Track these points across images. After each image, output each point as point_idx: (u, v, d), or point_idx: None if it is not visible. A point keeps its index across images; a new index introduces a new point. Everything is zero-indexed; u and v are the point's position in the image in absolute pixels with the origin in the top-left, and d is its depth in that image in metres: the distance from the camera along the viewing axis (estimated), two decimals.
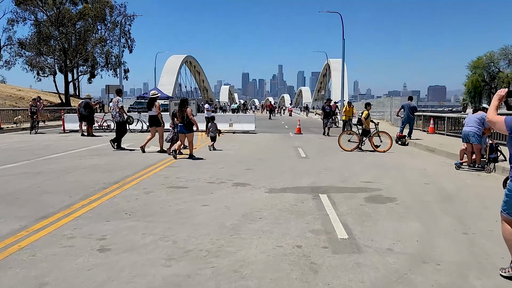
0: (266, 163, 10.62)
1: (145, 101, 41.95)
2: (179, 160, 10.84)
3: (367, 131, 14.12)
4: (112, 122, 21.62)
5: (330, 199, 6.65)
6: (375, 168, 10.07)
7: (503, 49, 55.98)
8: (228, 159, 11.28)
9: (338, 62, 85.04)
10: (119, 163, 10.13)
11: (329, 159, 11.75)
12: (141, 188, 7.23)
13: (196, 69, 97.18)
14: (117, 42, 40.39)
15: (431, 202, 6.58)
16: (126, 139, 16.26)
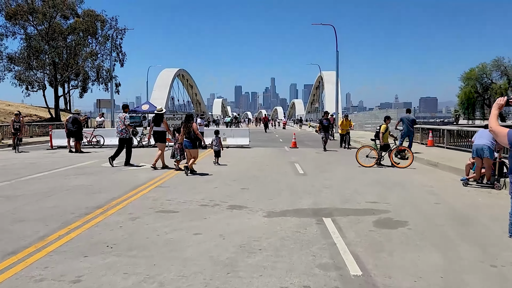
0: (263, 181, 10.00)
1: (136, 115, 41.34)
2: (169, 179, 10.19)
3: (386, 146, 13.46)
4: (101, 138, 20.97)
5: (336, 223, 6.04)
6: (378, 186, 9.49)
7: (495, 61, 56.34)
8: (222, 177, 10.65)
9: (331, 74, 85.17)
10: (106, 184, 9.45)
11: (328, 175, 11.16)
12: (127, 214, 6.56)
13: (188, 82, 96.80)
14: (108, 56, 39.85)
15: (446, 226, 5.99)
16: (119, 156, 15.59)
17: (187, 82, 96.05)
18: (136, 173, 11.30)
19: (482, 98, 59.13)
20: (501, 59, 56.39)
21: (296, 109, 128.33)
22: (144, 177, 10.45)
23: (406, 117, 16.23)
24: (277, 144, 24.20)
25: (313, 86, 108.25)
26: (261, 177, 10.66)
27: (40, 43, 37.03)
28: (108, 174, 11.00)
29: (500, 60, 56.58)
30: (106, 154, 17.08)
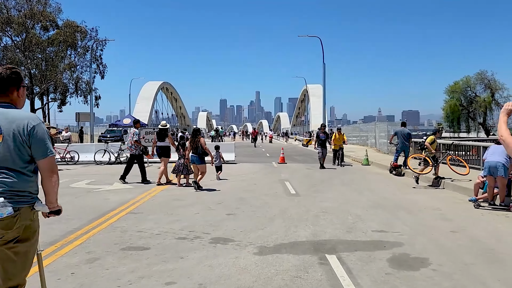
0: (251, 205, 8.84)
1: (117, 129, 39.78)
2: (144, 203, 8.94)
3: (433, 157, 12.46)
4: (76, 154, 19.56)
5: (343, 263, 4.91)
6: (380, 209, 8.43)
7: (479, 74, 56.70)
8: (205, 200, 9.45)
9: (316, 87, 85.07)
10: (69, 210, 8.12)
11: (323, 196, 10.06)
12: (85, 252, 5.31)
13: (173, 95, 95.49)
14: (88, 67, 38.40)
15: (476, 266, 4.92)
16: (90, 174, 14.24)
17: (171, 95, 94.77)
18: (108, 195, 10.01)
19: (466, 111, 59.30)
20: (485, 72, 56.80)
21: (282, 122, 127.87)
22: (116, 201, 9.18)
23: (400, 131, 15.36)
24: (264, 159, 23.09)
25: (298, 100, 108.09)
26: (249, 199, 9.49)
27: (16, 54, 35.45)
28: (74, 198, 9.68)
29: (484, 73, 56.98)
30: (79, 172, 15.73)
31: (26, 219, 2.63)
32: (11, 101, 2.74)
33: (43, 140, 2.66)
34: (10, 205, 2.53)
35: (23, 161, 2.63)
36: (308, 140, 41.83)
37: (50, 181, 2.76)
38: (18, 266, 2.63)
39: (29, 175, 2.68)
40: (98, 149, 19.43)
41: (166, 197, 9.75)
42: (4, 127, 2.60)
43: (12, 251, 2.58)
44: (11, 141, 2.59)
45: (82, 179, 13.14)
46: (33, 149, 2.65)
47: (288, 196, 10.10)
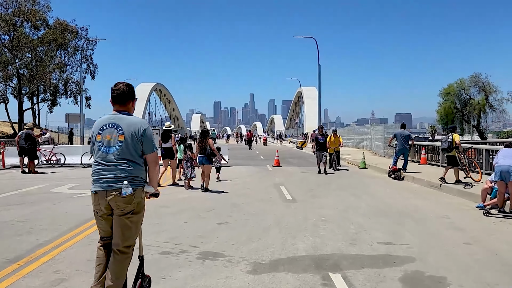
0: (244, 212, 8.17)
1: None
2: None
3: (454, 158, 11.63)
4: (62, 156, 18.77)
5: (350, 284, 4.27)
6: (383, 216, 7.82)
7: (473, 76, 56.56)
8: (194, 206, 8.77)
9: (311, 89, 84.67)
10: (44, 218, 7.43)
11: (321, 202, 9.43)
12: (51, 272, 4.61)
13: (166, 97, 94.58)
14: (78, 67, 37.54)
15: (502, 287, 4.30)
16: (75, 177, 13.47)
17: (165, 97, 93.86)
18: (88, 202, 9.26)
19: (461, 114, 59.15)
20: (479, 75, 56.67)
21: (276, 125, 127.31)
22: None
23: (400, 133, 14.78)
24: (259, 162, 22.43)
25: (292, 102, 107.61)
26: (242, 206, 8.82)
27: (4, 53, 34.53)
28: (53, 204, 8.95)
29: (478, 76, 56.85)
30: (63, 175, 14.97)
31: (139, 197, 3.51)
32: (127, 110, 3.63)
33: (150, 139, 3.54)
34: (131, 186, 3.39)
35: (137, 155, 3.51)
36: (303, 142, 41.25)
37: (154, 170, 3.64)
38: (132, 231, 3.53)
39: (141, 165, 3.55)
40: (85, 151, 18.63)
41: (153, 203, 8.99)
42: (125, 130, 3.47)
43: (129, 220, 3.47)
44: (130, 140, 3.47)
45: (66, 183, 12.39)
46: (144, 145, 3.53)
47: (284, 202, 9.44)
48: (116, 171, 3.42)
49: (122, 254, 3.47)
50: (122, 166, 3.43)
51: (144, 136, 3.51)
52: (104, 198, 3.42)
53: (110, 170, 3.43)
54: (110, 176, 3.42)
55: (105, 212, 3.49)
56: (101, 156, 3.51)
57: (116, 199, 3.39)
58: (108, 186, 3.41)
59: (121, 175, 3.41)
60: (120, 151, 3.45)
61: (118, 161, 3.44)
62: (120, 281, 3.42)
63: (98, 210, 3.53)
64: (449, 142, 11.50)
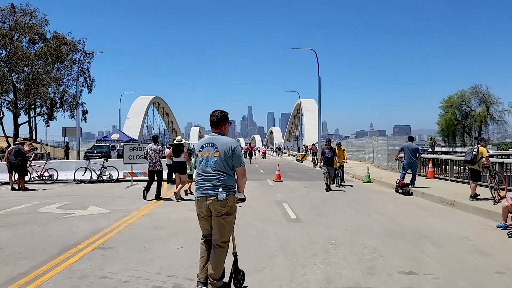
0: (246, 234, 7.46)
1: (105, 145, 38.18)
2: (118, 234, 7.50)
3: (478, 173, 10.84)
4: (55, 172, 18.05)
5: None
6: (399, 238, 7.13)
7: (473, 88, 56.27)
8: (191, 227, 8.04)
9: (310, 102, 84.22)
10: (24, 244, 6.70)
11: (328, 222, 8.72)
12: None
13: (164, 110, 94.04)
14: (75, 81, 36.99)
15: None
16: (65, 195, 12.71)
17: (163, 110, 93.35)
18: (78, 222, 8.55)
19: (462, 125, 58.72)
20: (479, 86, 56.38)
21: (274, 137, 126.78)
22: (85, 230, 7.73)
23: (407, 146, 14.14)
24: (259, 176, 21.71)
25: (291, 114, 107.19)
26: (243, 227, 8.10)
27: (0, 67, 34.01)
28: (37, 226, 8.21)
29: (478, 87, 56.58)
30: (54, 192, 14.24)
31: (231, 202, 4.30)
32: (222, 131, 4.47)
33: (239, 156, 4.34)
34: (225, 193, 4.20)
35: (229, 168, 4.32)
36: (303, 155, 40.58)
37: (242, 180, 4.43)
38: (227, 230, 4.32)
39: (232, 176, 4.35)
40: (79, 166, 17.93)
41: (146, 224, 8.32)
42: (219, 148, 4.30)
43: (224, 220, 4.26)
44: (223, 156, 4.28)
45: (55, 201, 11.67)
46: (234, 161, 4.32)
47: (288, 222, 8.73)
48: (213, 180, 4.26)
49: (220, 248, 4.29)
50: (217, 177, 4.26)
51: (233, 153, 4.32)
52: (204, 202, 4.28)
53: (209, 179, 4.28)
54: (208, 184, 4.28)
55: (206, 214, 4.32)
56: (202, 169, 4.36)
57: (213, 203, 4.23)
58: (207, 192, 4.26)
59: (217, 183, 4.24)
60: (216, 164, 4.28)
61: (215, 173, 4.28)
62: (219, 271, 4.24)
63: (200, 212, 4.38)
64: (473, 154, 10.71)
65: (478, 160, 10.64)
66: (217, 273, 4.23)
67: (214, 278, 4.22)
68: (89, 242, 6.79)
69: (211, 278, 4.23)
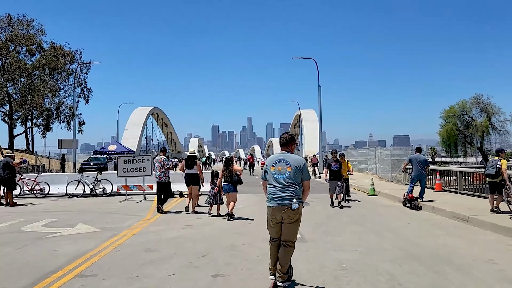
0: (246, 257, 6.73)
1: (101, 156, 37.40)
2: (104, 257, 6.76)
3: (499, 185, 10.17)
4: (46, 185, 17.30)
5: None
6: (416, 262, 6.41)
7: (474, 98, 55.67)
8: (186, 249, 7.32)
9: (310, 112, 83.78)
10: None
11: (336, 242, 8.00)
12: None
13: (163, 121, 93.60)
14: (71, 92, 36.46)
15: None
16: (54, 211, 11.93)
17: (162, 120, 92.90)
18: (61, 244, 7.81)
19: (463, 135, 58.08)
20: (480, 96, 55.73)
21: (274, 148, 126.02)
22: (68, 253, 6.99)
23: (415, 157, 13.47)
24: (259, 189, 20.84)
25: (290, 125, 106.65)
26: (243, 248, 7.39)
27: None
28: (16, 248, 7.47)
29: (479, 97, 55.96)
30: (44, 208, 13.50)
31: (300, 209, 5.12)
32: (290, 150, 5.36)
33: (306, 170, 5.21)
34: (298, 202, 5.03)
35: (298, 181, 5.15)
36: None
37: (307, 192, 5.27)
38: (295, 232, 5.16)
39: (300, 187, 5.16)
40: (71, 179, 17.21)
41: (136, 246, 7.59)
42: (292, 163, 5.14)
43: (293, 224, 5.08)
44: (294, 170, 5.12)
45: (41, 218, 10.93)
46: (303, 175, 5.17)
47: None
48: (287, 191, 4.99)
49: (290, 247, 5.05)
50: (290, 188, 5.01)
51: (303, 169, 5.13)
52: (279, 211, 4.98)
53: (283, 190, 5.00)
54: (283, 195, 4.99)
55: (277, 221, 5.04)
56: (276, 181, 5.09)
57: (287, 212, 4.95)
58: (282, 202, 4.97)
59: (290, 194, 4.99)
60: (289, 177, 5.04)
61: (288, 184, 5.02)
62: (287, 265, 5.01)
63: (273, 219, 5.08)
64: (497, 167, 10.10)
65: (501, 173, 9.99)
66: (285, 268, 5.03)
67: (283, 272, 5.01)
68: (69, 268, 6.05)
69: (280, 272, 4.99)
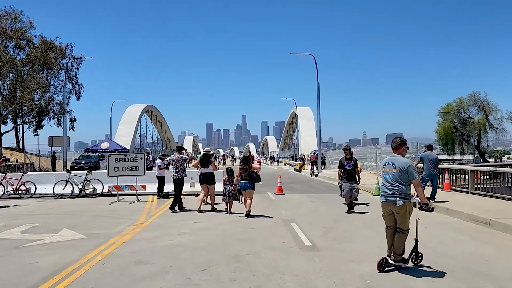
0: (252, 270, 5.83)
1: (93, 154, 36.25)
2: (88, 272, 5.81)
3: None
4: (32, 185, 16.28)
5: None
6: (449, 275, 5.58)
7: (472, 95, 55.05)
8: (183, 260, 6.40)
9: (306, 110, 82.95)
10: None
11: (351, 249, 7.12)
12: None
13: (158, 119, 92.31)
14: (62, 87, 35.23)
15: None
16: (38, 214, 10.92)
17: (156, 118, 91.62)
18: (40, 254, 6.85)
19: (460, 133, 57.59)
20: (477, 93, 55.14)
21: (269, 146, 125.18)
22: (47, 266, 6.04)
23: (427, 155, 12.63)
24: (257, 188, 19.86)
25: (286, 123, 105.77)
26: (247, 259, 6.48)
27: None
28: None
29: (477, 94, 55.37)
30: (27, 210, 12.49)
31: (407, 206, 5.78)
32: (400, 153, 6.02)
33: (412, 171, 5.75)
34: (402, 199, 5.67)
35: (404, 181, 5.77)
36: (301, 164, 39.02)
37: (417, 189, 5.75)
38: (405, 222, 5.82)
39: (407, 186, 5.79)
40: (59, 179, 16.19)
41: (126, 257, 6.65)
42: (397, 165, 5.80)
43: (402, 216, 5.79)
44: (399, 171, 5.78)
45: (23, 222, 9.95)
46: (409, 175, 5.75)
47: (302, 250, 7.10)
48: (392, 190, 5.81)
49: (403, 233, 5.86)
50: (395, 187, 5.79)
51: (407, 170, 5.76)
52: (387, 205, 5.90)
53: (389, 188, 5.87)
54: (389, 193, 5.85)
55: (389, 212, 5.94)
56: (385, 180, 5.98)
57: (393, 207, 5.81)
58: (387, 199, 5.88)
59: (395, 192, 5.77)
60: (393, 178, 5.83)
61: (393, 183, 5.82)
62: (400, 248, 5.89)
63: (384, 211, 6.04)
64: None
65: None
66: (398, 250, 5.85)
67: (396, 253, 5.85)
68: (47, 285, 5.11)
69: (394, 253, 5.85)
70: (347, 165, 11.58)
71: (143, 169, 14.88)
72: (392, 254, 5.87)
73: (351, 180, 11.43)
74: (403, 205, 5.66)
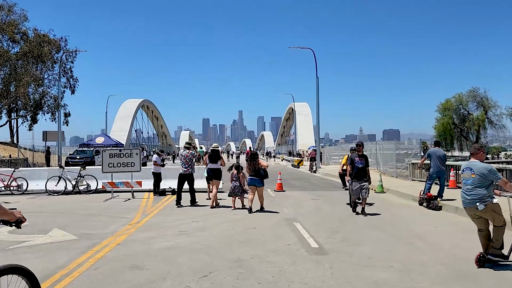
0: (256, 277, 5.35)
1: (88, 149, 35.63)
2: (77, 279, 5.31)
3: None
4: (24, 181, 15.72)
5: None
6: (472, 283, 5.10)
7: (471, 91, 54.89)
8: (181, 265, 5.91)
9: (303, 105, 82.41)
10: None
11: (361, 253, 6.65)
12: None
13: (154, 114, 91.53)
14: (56, 81, 34.55)
15: None
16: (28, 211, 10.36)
17: (152, 113, 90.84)
18: (25, 258, 6.34)
19: (459, 129, 57.30)
20: (477, 89, 54.97)
21: (266, 142, 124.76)
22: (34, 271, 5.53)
23: (435, 152, 12.19)
24: None
25: (283, 118, 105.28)
26: (250, 263, 5.99)
27: None
28: None
29: (476, 90, 55.19)
30: (18, 208, 11.89)
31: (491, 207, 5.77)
32: (478, 159, 6.00)
33: (493, 174, 5.78)
34: (483, 203, 5.76)
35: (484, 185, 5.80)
36: (300, 160, 38.59)
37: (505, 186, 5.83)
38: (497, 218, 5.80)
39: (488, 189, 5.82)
40: (52, 175, 15.64)
41: (120, 260, 6.14)
42: (476, 171, 5.85)
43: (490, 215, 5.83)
44: (478, 177, 5.82)
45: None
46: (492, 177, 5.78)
47: (309, 253, 6.62)
48: (471, 195, 5.87)
49: (499, 228, 5.79)
50: (474, 192, 5.85)
51: (488, 174, 5.76)
52: (470, 210, 5.97)
53: (468, 194, 5.92)
54: (469, 198, 5.91)
55: (475, 216, 5.98)
56: (464, 185, 6.04)
57: (476, 211, 5.87)
58: (468, 204, 5.97)
59: (474, 197, 5.83)
60: (472, 183, 5.87)
61: (472, 189, 5.87)
62: (498, 242, 5.81)
63: (470, 216, 6.12)
64: None
65: None
66: (497, 244, 5.78)
67: (495, 247, 5.77)
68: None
69: (493, 247, 5.77)
70: (358, 162, 10.60)
71: (139, 165, 14.36)
72: (491, 250, 5.81)
73: (361, 179, 10.53)
74: (485, 208, 5.74)
